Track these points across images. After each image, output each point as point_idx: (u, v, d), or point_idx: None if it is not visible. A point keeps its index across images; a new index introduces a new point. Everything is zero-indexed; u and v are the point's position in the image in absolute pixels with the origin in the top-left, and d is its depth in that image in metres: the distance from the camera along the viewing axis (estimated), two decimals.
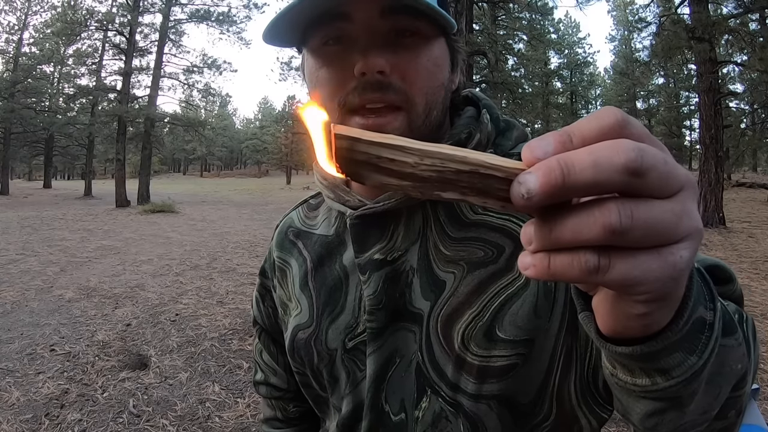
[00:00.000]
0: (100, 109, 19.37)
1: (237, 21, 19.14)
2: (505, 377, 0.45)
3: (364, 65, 0.41)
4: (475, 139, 0.49)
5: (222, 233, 9.02)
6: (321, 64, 0.45)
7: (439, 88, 0.47)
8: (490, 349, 0.45)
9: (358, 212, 0.49)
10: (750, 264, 5.50)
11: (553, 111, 32.80)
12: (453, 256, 0.48)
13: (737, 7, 9.13)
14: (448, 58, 0.48)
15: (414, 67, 0.44)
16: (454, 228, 0.49)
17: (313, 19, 0.43)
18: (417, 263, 0.49)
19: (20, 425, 2.26)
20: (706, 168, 8.39)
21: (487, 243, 0.47)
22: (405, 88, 0.44)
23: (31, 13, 22.74)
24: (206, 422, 2.34)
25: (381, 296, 0.48)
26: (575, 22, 35.48)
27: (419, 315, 0.48)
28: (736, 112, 14.41)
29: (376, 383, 0.49)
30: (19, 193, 21.74)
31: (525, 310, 0.44)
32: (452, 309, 0.46)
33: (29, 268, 5.72)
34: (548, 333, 0.45)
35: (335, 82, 0.44)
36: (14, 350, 3.16)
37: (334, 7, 0.42)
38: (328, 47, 0.45)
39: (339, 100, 0.44)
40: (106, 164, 44.48)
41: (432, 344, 0.47)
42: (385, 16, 0.42)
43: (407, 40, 0.44)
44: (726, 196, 9.35)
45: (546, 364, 0.45)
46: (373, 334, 0.49)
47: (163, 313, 4.03)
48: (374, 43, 0.42)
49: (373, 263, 0.49)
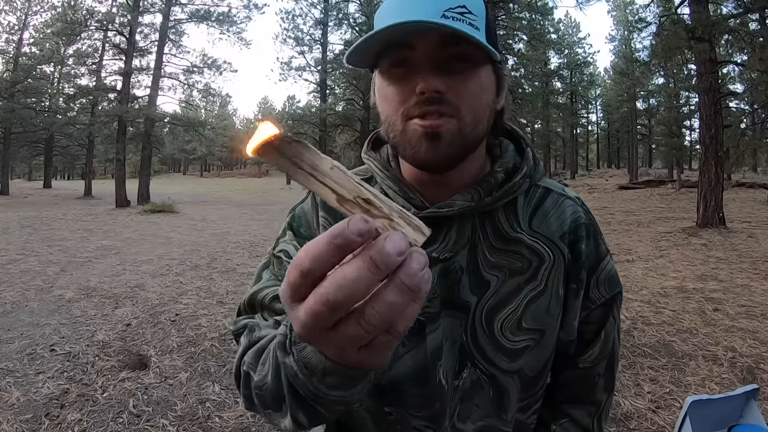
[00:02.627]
0: (100, 109, 19.37)
1: (237, 21, 19.15)
2: (522, 355, 0.59)
3: (424, 86, 0.51)
4: (523, 170, 0.61)
5: (222, 233, 9.02)
6: (389, 83, 0.55)
7: (485, 108, 0.56)
8: (517, 336, 0.59)
9: (423, 213, 0.57)
10: (750, 264, 5.50)
11: (553, 111, 32.79)
12: (497, 262, 0.59)
13: (737, 7, 9.13)
14: (494, 83, 0.57)
15: (465, 88, 0.53)
16: (497, 240, 0.60)
17: (384, 46, 0.53)
18: (466, 264, 0.59)
19: (20, 425, 2.26)
20: (706, 168, 8.38)
21: (523, 257, 0.60)
22: (457, 103, 0.52)
23: (31, 13, 22.74)
24: (206, 422, 2.34)
25: (436, 288, 0.58)
26: (575, 22, 35.45)
27: (467, 306, 0.59)
28: (736, 112, 14.39)
29: (433, 356, 0.58)
30: (19, 193, 21.74)
31: (541, 309, 0.60)
32: (495, 304, 0.59)
33: (29, 268, 5.72)
34: (554, 328, 0.61)
35: (400, 97, 0.54)
36: (14, 350, 3.16)
37: (402, 38, 0.51)
38: (395, 69, 0.54)
39: (402, 111, 0.54)
40: (106, 164, 44.46)
41: (476, 329, 0.59)
42: (442, 46, 0.51)
43: (459, 66, 0.52)
44: (726, 196, 9.35)
45: (549, 350, 0.62)
46: (430, 318, 0.59)
47: (163, 313, 4.03)
48: (432, 67, 0.51)
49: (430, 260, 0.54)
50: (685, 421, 1.81)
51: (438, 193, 0.60)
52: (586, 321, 0.64)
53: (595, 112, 43.22)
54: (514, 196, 0.61)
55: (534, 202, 0.62)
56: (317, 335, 0.28)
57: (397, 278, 0.25)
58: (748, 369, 2.80)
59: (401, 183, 0.61)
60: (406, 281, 0.25)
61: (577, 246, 0.61)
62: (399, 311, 0.26)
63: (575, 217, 0.62)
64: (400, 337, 0.28)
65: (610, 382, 0.68)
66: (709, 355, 3.02)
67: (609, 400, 0.69)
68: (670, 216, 10.57)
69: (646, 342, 3.25)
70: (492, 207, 0.59)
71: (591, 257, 0.62)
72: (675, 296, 4.31)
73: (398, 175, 0.62)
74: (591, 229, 0.63)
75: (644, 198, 16.01)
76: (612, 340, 0.66)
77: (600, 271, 0.63)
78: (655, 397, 2.52)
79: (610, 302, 0.65)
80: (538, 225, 0.61)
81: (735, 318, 3.67)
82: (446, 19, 0.50)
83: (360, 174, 0.67)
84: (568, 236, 0.61)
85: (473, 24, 0.51)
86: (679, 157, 27.30)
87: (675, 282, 4.80)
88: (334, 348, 0.29)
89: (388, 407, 0.60)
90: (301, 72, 24.29)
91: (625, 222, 9.88)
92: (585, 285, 0.62)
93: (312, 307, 0.26)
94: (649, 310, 3.90)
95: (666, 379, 2.72)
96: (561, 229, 0.61)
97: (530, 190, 0.63)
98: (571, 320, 0.63)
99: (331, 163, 0.27)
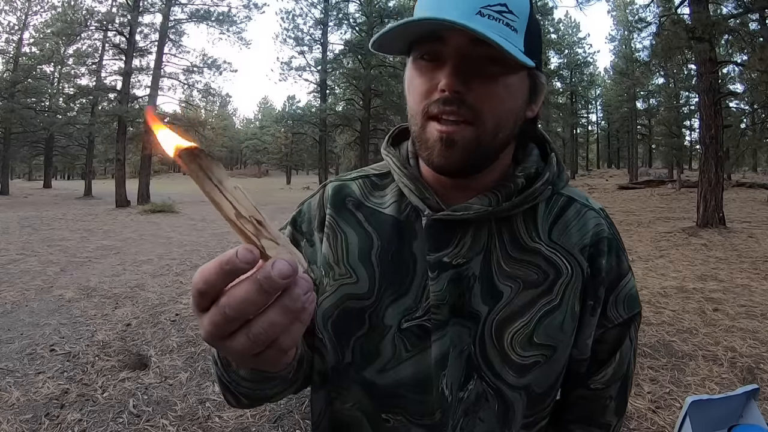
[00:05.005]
0: (100, 109, 19.37)
1: (237, 21, 19.17)
2: (530, 371, 0.57)
3: (446, 84, 0.49)
4: (545, 176, 0.58)
5: (222, 233, 9.02)
6: (416, 74, 0.54)
7: (510, 113, 0.53)
8: (527, 351, 0.56)
9: (437, 215, 0.56)
10: (750, 264, 5.50)
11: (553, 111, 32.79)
12: (512, 272, 0.57)
13: (737, 7, 9.12)
14: (526, 89, 0.55)
15: (489, 92, 0.50)
16: (514, 249, 0.57)
17: (418, 36, 0.51)
18: (479, 272, 0.57)
19: (20, 425, 2.26)
20: (706, 168, 8.37)
21: (539, 268, 0.57)
22: (478, 107, 0.50)
23: (31, 13, 22.76)
24: (206, 422, 2.34)
25: (445, 294, 0.56)
26: (575, 22, 35.46)
27: (477, 315, 0.56)
28: (736, 112, 14.40)
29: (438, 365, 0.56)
30: (19, 193, 21.74)
31: (554, 324, 0.57)
32: (507, 316, 0.56)
33: (29, 268, 5.72)
34: (567, 345, 0.58)
35: (423, 91, 0.52)
36: (14, 350, 3.16)
37: (435, 31, 0.49)
38: (424, 61, 0.52)
39: (423, 107, 0.52)
40: (106, 164, 44.44)
41: (485, 341, 0.56)
42: (475, 43, 0.48)
43: (491, 68, 0.50)
44: (726, 196, 9.35)
45: (559, 368, 0.59)
46: (437, 325, 0.56)
47: (163, 313, 4.03)
48: (460, 65, 0.49)
49: (441, 264, 0.56)
50: (685, 421, 1.81)
51: (456, 196, 0.58)
52: (601, 340, 0.61)
53: (595, 112, 43.22)
54: (534, 203, 0.58)
55: (555, 212, 0.59)
56: (217, 342, 0.31)
57: (282, 301, 0.29)
58: (748, 369, 2.80)
59: (418, 182, 0.59)
60: (288, 304, 0.29)
61: (598, 261, 0.58)
62: (281, 329, 0.30)
63: (598, 230, 0.59)
64: (285, 352, 0.32)
65: (621, 406, 0.65)
66: (709, 355, 3.02)
67: (619, 424, 0.66)
68: (670, 216, 10.57)
69: (646, 342, 3.25)
70: (510, 213, 0.57)
71: (611, 274, 0.59)
72: (675, 296, 4.31)
73: (416, 173, 0.60)
74: (614, 244, 0.60)
75: (644, 198, 16.02)
76: (627, 362, 0.63)
77: (620, 290, 0.60)
78: (655, 397, 2.52)
79: (628, 323, 0.61)
80: (558, 236, 0.58)
81: (735, 318, 3.67)
82: (481, 17, 0.48)
83: (378, 170, 0.67)
84: (589, 250, 0.58)
85: (511, 25, 0.49)
86: (679, 157, 27.30)
87: (675, 282, 4.80)
88: (232, 353, 0.32)
89: (386, 414, 0.59)
90: (301, 72, 24.29)
91: (625, 222, 9.88)
92: (603, 303, 0.59)
93: (211, 317, 0.30)
94: (649, 310, 3.90)
95: (666, 379, 2.72)
96: (582, 241, 0.58)
97: (552, 198, 0.60)
98: (585, 338, 0.60)
99: (236, 184, 0.30)
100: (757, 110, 11.68)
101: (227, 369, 0.49)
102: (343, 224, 0.62)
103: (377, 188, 0.65)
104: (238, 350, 0.30)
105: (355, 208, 0.63)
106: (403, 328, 0.57)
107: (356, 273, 0.60)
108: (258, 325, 0.29)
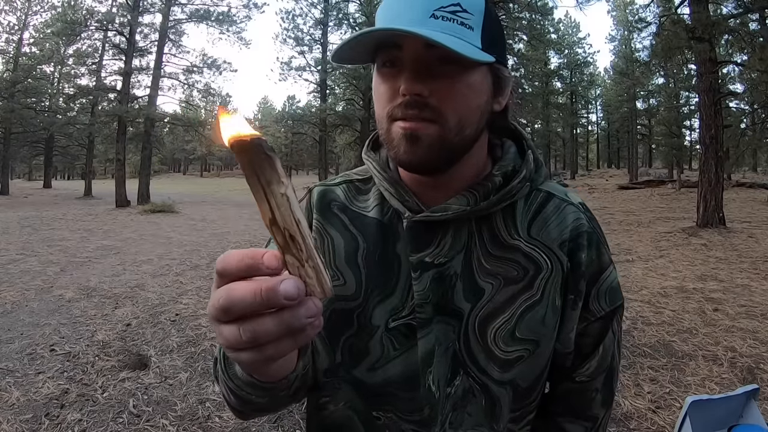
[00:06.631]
0: (100, 109, 19.36)
1: (237, 21, 19.16)
2: (515, 366, 0.58)
3: (405, 88, 0.51)
4: (522, 174, 0.59)
5: (222, 233, 9.02)
6: (380, 81, 0.55)
7: (474, 110, 0.54)
8: (510, 346, 0.57)
9: (417, 217, 0.57)
10: (750, 264, 5.50)
11: (553, 111, 32.79)
12: (492, 270, 0.58)
13: (737, 7, 9.12)
14: (489, 83, 0.55)
15: (448, 91, 0.51)
16: (494, 247, 0.58)
17: (378, 44, 0.53)
18: (461, 270, 0.58)
19: (20, 425, 2.26)
20: (706, 168, 8.37)
21: (519, 264, 0.58)
22: (440, 108, 0.51)
23: (31, 13, 22.74)
24: (206, 422, 2.34)
25: (428, 293, 0.57)
26: (575, 22, 35.45)
27: (460, 313, 0.58)
28: (736, 112, 14.39)
29: (424, 362, 0.58)
30: (19, 193, 21.74)
31: (536, 319, 0.58)
32: (489, 312, 0.57)
33: (29, 268, 5.72)
34: (549, 339, 0.59)
35: (387, 96, 0.54)
36: (14, 350, 3.16)
37: (390, 39, 0.51)
38: (386, 68, 0.54)
39: (387, 111, 0.54)
40: (106, 164, 44.45)
41: (469, 337, 0.58)
42: (428, 47, 0.49)
43: (447, 68, 0.51)
44: (726, 196, 9.34)
45: (543, 362, 0.60)
46: (422, 323, 0.57)
47: (163, 313, 4.03)
48: (417, 69, 0.51)
49: (423, 264, 0.58)
50: (685, 421, 1.81)
51: (435, 196, 0.59)
52: (584, 334, 0.62)
53: (595, 112, 43.25)
54: (513, 201, 0.59)
55: (534, 208, 0.60)
56: (213, 321, 0.32)
57: (285, 313, 0.29)
58: (748, 369, 2.80)
59: (398, 185, 0.60)
60: (288, 319, 0.29)
61: (577, 255, 0.58)
62: (272, 338, 0.30)
63: (577, 225, 0.59)
64: (267, 360, 0.32)
65: (607, 398, 0.66)
66: (709, 355, 3.02)
67: (606, 416, 0.67)
68: (670, 216, 10.57)
69: (646, 342, 3.25)
70: (489, 212, 0.58)
71: (591, 267, 0.59)
72: (675, 296, 4.31)
73: (396, 177, 0.61)
74: (594, 237, 0.60)
75: (644, 198, 16.01)
76: (611, 354, 0.64)
77: (601, 283, 0.60)
78: (655, 397, 2.52)
79: (611, 315, 0.62)
80: (537, 232, 0.59)
81: (735, 318, 3.67)
82: (435, 20, 0.49)
83: (361, 174, 0.68)
84: (568, 244, 0.59)
85: (466, 23, 0.50)
86: (679, 157, 27.30)
87: (675, 282, 4.80)
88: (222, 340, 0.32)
89: (377, 411, 0.60)
90: (301, 72, 24.27)
91: (625, 222, 9.88)
92: (584, 296, 0.60)
93: (213, 298, 0.30)
94: (649, 310, 3.90)
95: (666, 379, 2.72)
96: (561, 236, 0.59)
97: (531, 194, 0.61)
98: (567, 332, 0.60)
99: (286, 191, 0.28)
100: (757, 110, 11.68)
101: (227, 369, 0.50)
102: (329, 228, 0.64)
103: (361, 192, 0.66)
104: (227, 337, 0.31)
105: (340, 212, 0.65)
106: (391, 328, 0.59)
107: (343, 275, 0.61)
108: (253, 324, 0.30)
